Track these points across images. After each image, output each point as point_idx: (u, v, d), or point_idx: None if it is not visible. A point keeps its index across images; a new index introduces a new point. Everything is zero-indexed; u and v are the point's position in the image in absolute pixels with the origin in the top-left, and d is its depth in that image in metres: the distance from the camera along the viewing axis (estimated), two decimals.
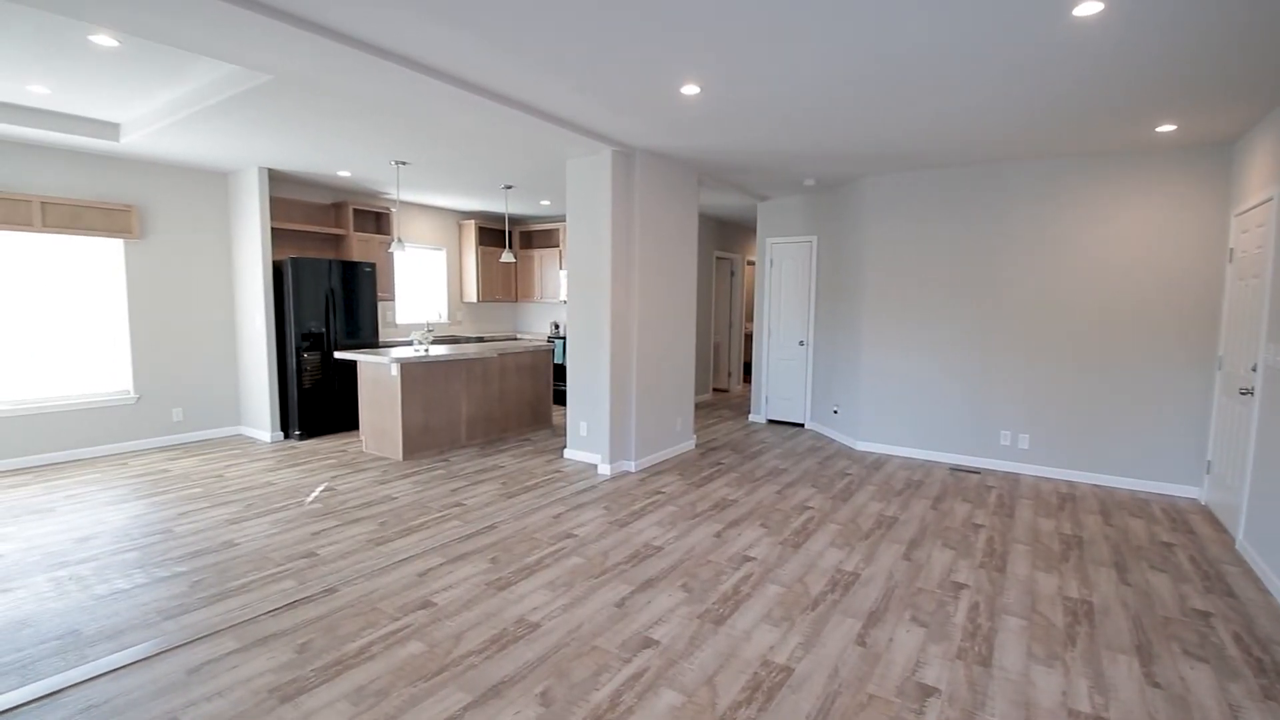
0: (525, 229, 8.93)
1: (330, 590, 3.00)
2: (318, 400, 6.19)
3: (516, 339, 8.64)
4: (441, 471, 5.03)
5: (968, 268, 5.34)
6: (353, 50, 2.84)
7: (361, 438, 5.74)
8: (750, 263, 10.33)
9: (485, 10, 2.56)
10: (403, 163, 5.54)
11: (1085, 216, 4.86)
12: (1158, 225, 4.62)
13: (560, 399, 8.23)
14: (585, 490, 4.58)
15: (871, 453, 5.83)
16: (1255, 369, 3.57)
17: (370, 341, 6.63)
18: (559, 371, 8.09)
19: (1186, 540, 3.78)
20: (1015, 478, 5.06)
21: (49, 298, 5.15)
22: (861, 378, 5.94)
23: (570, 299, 5.24)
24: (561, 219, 8.68)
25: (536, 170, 5.79)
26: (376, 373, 5.48)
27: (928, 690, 2.28)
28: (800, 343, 6.97)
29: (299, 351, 6.01)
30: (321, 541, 3.58)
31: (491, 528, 3.82)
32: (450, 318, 8.52)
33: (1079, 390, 4.95)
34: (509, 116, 3.84)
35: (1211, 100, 3.51)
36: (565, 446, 5.70)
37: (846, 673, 2.39)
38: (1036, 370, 5.10)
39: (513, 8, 2.53)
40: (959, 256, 5.37)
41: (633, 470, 5.12)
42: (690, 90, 3.49)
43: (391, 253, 7.06)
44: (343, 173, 5.97)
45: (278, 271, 5.99)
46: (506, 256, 6.97)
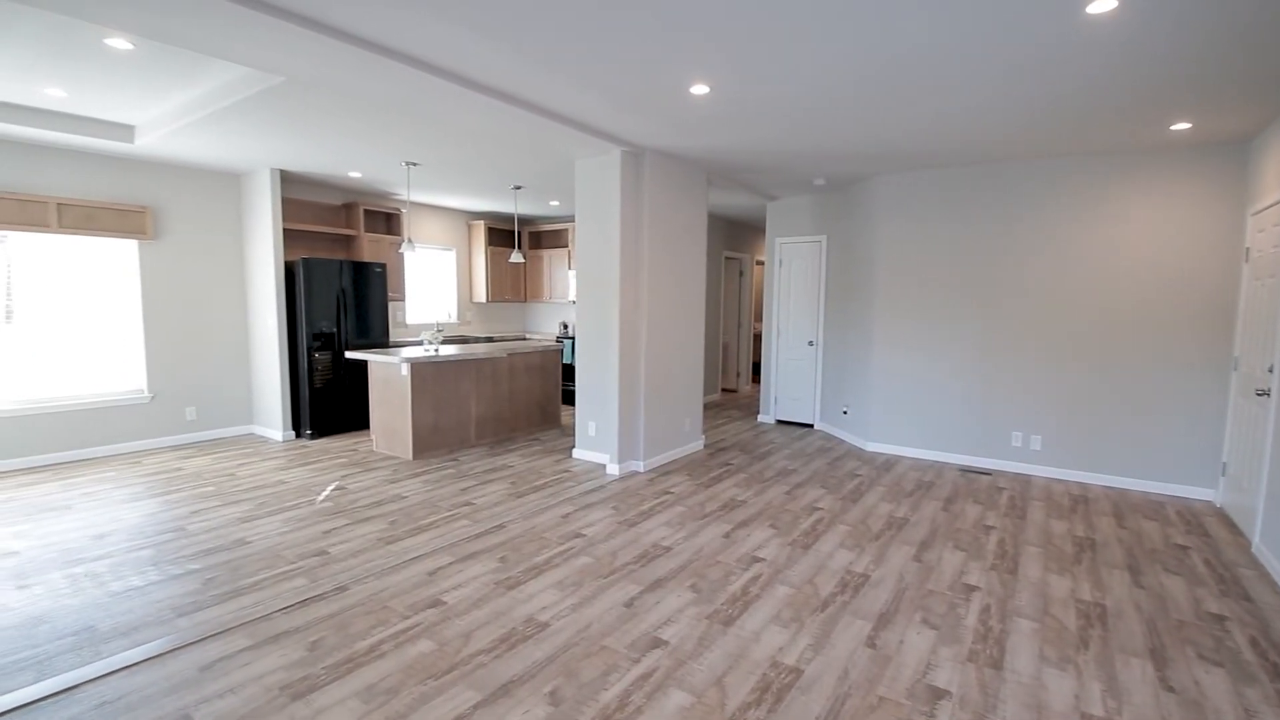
0: (534, 229, 8.95)
1: (341, 588, 3.02)
2: (329, 400, 6.23)
3: (525, 339, 8.65)
4: (451, 471, 5.05)
5: (979, 267, 5.30)
6: (357, 49, 2.86)
7: (372, 437, 5.77)
8: (759, 262, 10.30)
9: (487, 10, 2.57)
10: (413, 163, 5.57)
11: (1099, 215, 4.81)
12: (1172, 224, 4.57)
13: (569, 399, 8.24)
14: (594, 490, 4.58)
15: (881, 453, 5.80)
16: (1271, 370, 3.53)
17: (381, 341, 6.67)
18: (568, 371, 8.10)
19: (1201, 543, 3.74)
20: (1027, 479, 5.02)
21: (65, 298, 5.21)
22: (871, 378, 5.91)
23: (579, 299, 5.25)
24: (570, 219, 8.69)
25: (545, 170, 5.80)
26: (387, 372, 5.51)
27: (939, 693, 2.27)
28: (809, 343, 6.95)
29: (310, 351, 6.05)
30: (332, 540, 3.61)
31: (500, 527, 3.84)
32: (460, 318, 8.55)
33: (1092, 391, 4.90)
34: (516, 116, 3.85)
35: (1227, 98, 3.47)
36: (574, 446, 5.71)
37: (856, 674, 2.37)
38: (1049, 371, 5.06)
39: (515, 7, 2.54)
40: (971, 256, 5.34)
41: (641, 470, 5.12)
42: (700, 90, 3.49)
43: (402, 253, 7.09)
44: (353, 174, 6.00)
45: (289, 272, 6.03)
46: (516, 257, 6.99)
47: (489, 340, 8.02)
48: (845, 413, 6.42)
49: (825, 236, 6.77)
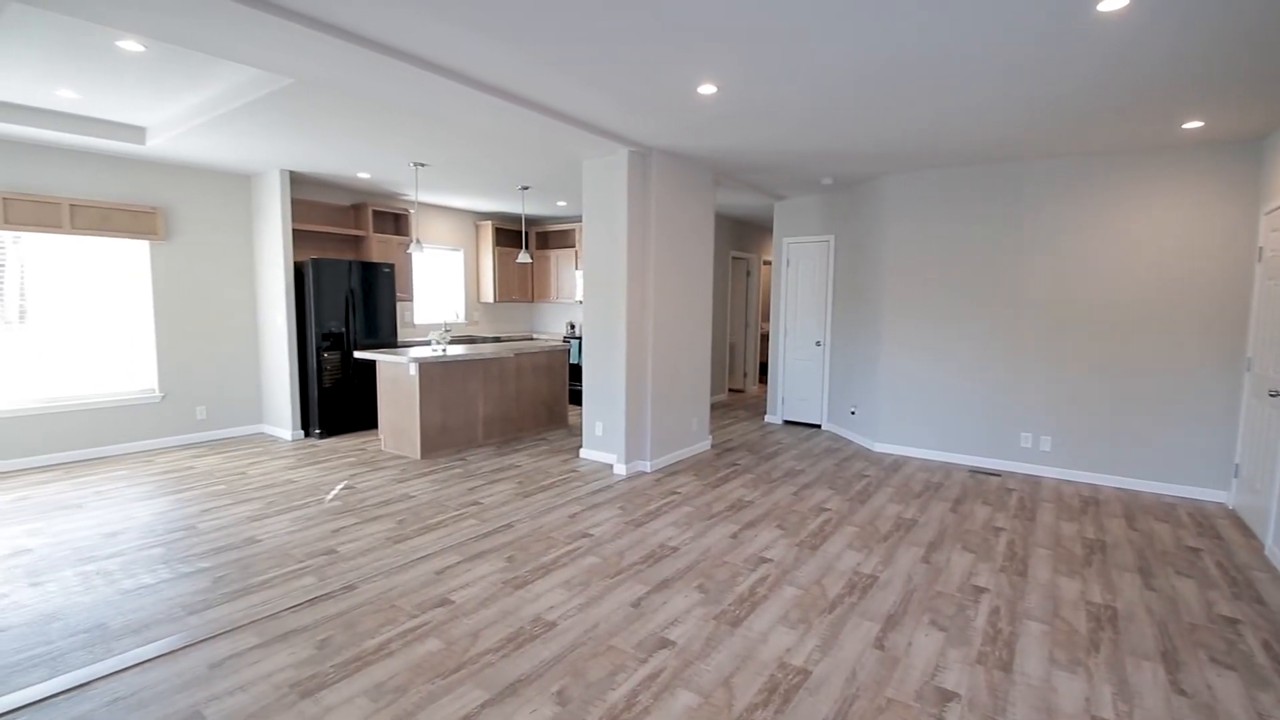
0: (541, 229, 8.96)
1: (350, 587, 3.03)
2: (338, 399, 6.26)
3: (533, 339, 8.67)
4: (459, 470, 5.07)
5: (989, 266, 5.27)
6: (363, 50, 2.87)
7: (380, 436, 5.80)
8: (767, 262, 10.28)
9: (488, 10, 2.57)
10: (421, 164, 5.59)
11: (1109, 214, 4.78)
12: (1184, 223, 4.53)
13: (576, 399, 8.25)
14: (601, 490, 4.58)
15: (889, 454, 5.78)
16: None
17: (389, 341, 6.70)
18: (575, 371, 8.11)
19: (1213, 545, 3.71)
20: (1037, 480, 4.99)
21: (77, 298, 5.26)
22: (879, 378, 5.89)
23: (586, 299, 5.25)
24: (578, 219, 8.70)
25: (553, 171, 5.81)
26: (395, 372, 5.53)
27: (947, 695, 2.26)
28: (817, 343, 6.93)
29: (319, 351, 6.08)
30: (341, 539, 3.62)
31: (508, 526, 3.85)
32: (467, 318, 8.58)
33: (1103, 392, 4.86)
34: (523, 117, 3.85)
35: (1241, 95, 3.43)
36: (581, 446, 5.71)
37: (864, 676, 2.37)
38: (1059, 371, 5.02)
39: (520, 7, 2.54)
40: (980, 255, 5.31)
41: (648, 470, 5.12)
42: (708, 90, 3.49)
43: (410, 253, 7.11)
44: (362, 174, 6.03)
45: (299, 272, 6.07)
46: (523, 257, 7.01)
47: (496, 340, 8.04)
48: (853, 413, 6.39)
49: (833, 236, 6.75)
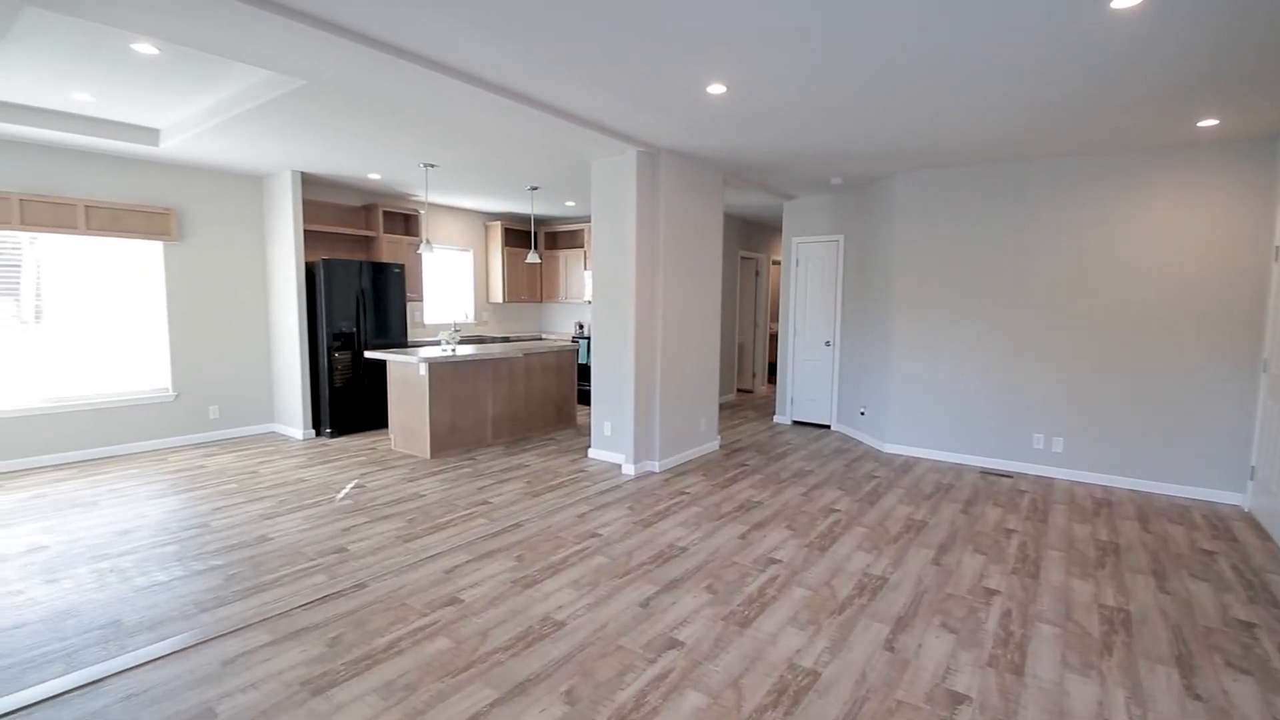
0: (550, 230, 8.98)
1: (360, 585, 3.05)
2: (348, 399, 6.30)
3: (541, 339, 8.69)
4: (468, 470, 5.09)
5: (1000, 266, 5.23)
6: (369, 49, 2.88)
7: (390, 436, 5.83)
8: (776, 262, 10.25)
9: (488, 9, 2.58)
10: (431, 165, 5.61)
11: (1122, 213, 4.73)
12: (1199, 222, 4.48)
13: (585, 399, 8.25)
14: (609, 490, 4.59)
15: (899, 455, 5.75)
16: None
17: (399, 341, 6.73)
18: (583, 371, 8.11)
19: (1229, 548, 3.66)
20: (1049, 482, 4.95)
21: (92, 298, 5.32)
22: (889, 379, 5.86)
23: (595, 299, 5.26)
24: (586, 220, 8.71)
25: (561, 171, 5.82)
26: (405, 372, 5.56)
27: (958, 698, 2.24)
28: (826, 343, 6.90)
29: (330, 351, 6.12)
30: (352, 537, 3.64)
31: (517, 526, 3.85)
32: (477, 318, 8.61)
33: (1116, 392, 4.82)
34: (531, 117, 3.86)
35: (1257, 92, 3.39)
36: (590, 446, 5.72)
37: (874, 678, 2.35)
38: (1071, 372, 4.98)
39: (523, 7, 2.55)
40: (991, 254, 5.27)
41: (657, 470, 5.12)
42: (717, 89, 3.48)
43: (420, 254, 7.15)
44: (373, 175, 6.07)
45: (310, 272, 6.11)
46: (532, 257, 7.02)
47: (505, 340, 8.06)
48: (863, 413, 6.36)
49: (843, 236, 6.72)
